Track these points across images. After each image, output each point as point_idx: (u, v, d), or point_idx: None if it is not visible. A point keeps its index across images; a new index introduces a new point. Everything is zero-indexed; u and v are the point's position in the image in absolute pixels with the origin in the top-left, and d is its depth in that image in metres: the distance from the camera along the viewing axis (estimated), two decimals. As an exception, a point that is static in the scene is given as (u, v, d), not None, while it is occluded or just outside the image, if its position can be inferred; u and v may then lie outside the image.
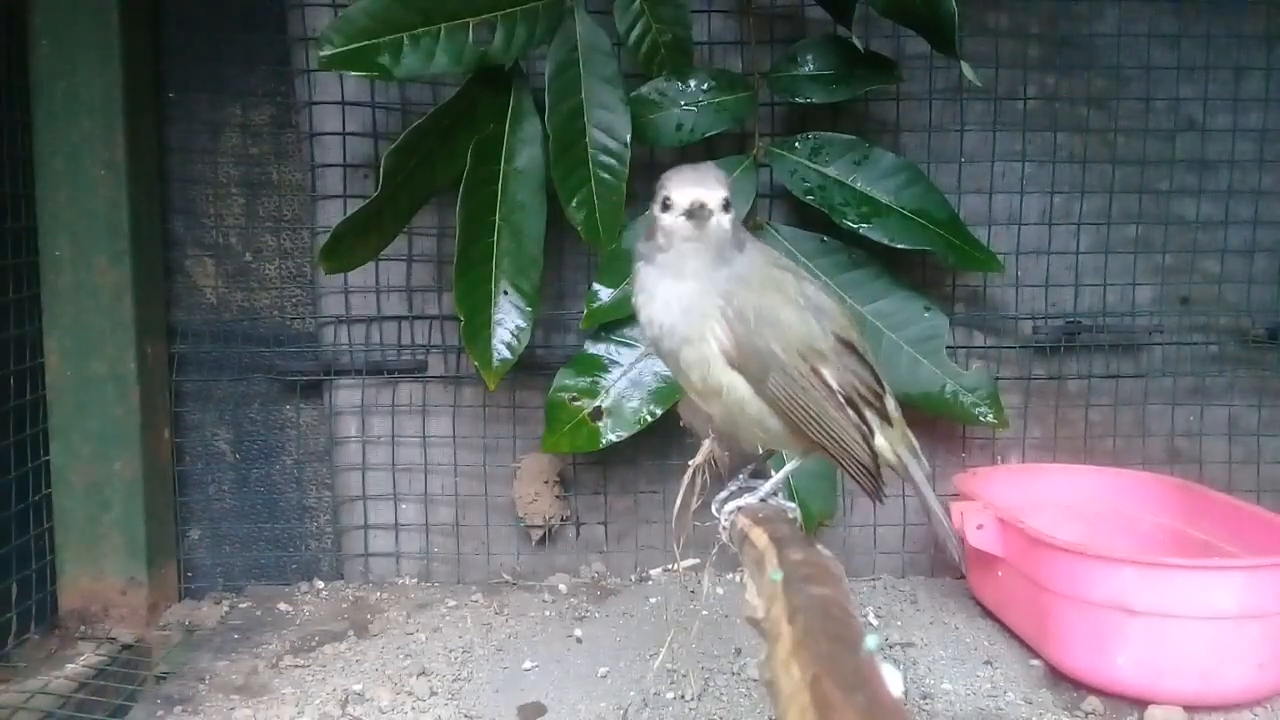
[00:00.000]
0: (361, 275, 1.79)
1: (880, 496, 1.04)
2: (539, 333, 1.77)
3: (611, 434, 1.66)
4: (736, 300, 0.95)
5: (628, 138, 1.56)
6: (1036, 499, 1.75)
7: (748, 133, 1.73)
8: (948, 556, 1.75)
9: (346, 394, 1.84)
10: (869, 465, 1.01)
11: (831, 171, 1.68)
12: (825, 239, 1.70)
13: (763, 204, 1.78)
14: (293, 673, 1.50)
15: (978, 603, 1.72)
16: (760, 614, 0.74)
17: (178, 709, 1.39)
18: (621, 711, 1.37)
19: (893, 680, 0.56)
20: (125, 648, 1.61)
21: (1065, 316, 1.87)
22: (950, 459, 1.86)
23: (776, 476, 1.07)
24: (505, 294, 1.60)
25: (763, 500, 1.04)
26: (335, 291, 1.82)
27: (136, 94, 1.67)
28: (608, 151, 1.56)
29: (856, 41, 1.62)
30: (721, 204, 0.96)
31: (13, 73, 1.60)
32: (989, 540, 1.55)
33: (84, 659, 1.55)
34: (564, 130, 1.55)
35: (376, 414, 1.84)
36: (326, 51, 1.40)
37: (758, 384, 0.96)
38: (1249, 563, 1.40)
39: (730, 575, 1.80)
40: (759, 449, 1.09)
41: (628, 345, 1.68)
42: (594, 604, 1.74)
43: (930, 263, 1.80)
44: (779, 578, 0.76)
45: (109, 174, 1.63)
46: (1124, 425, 1.89)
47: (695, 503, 1.15)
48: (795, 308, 0.97)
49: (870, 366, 1.02)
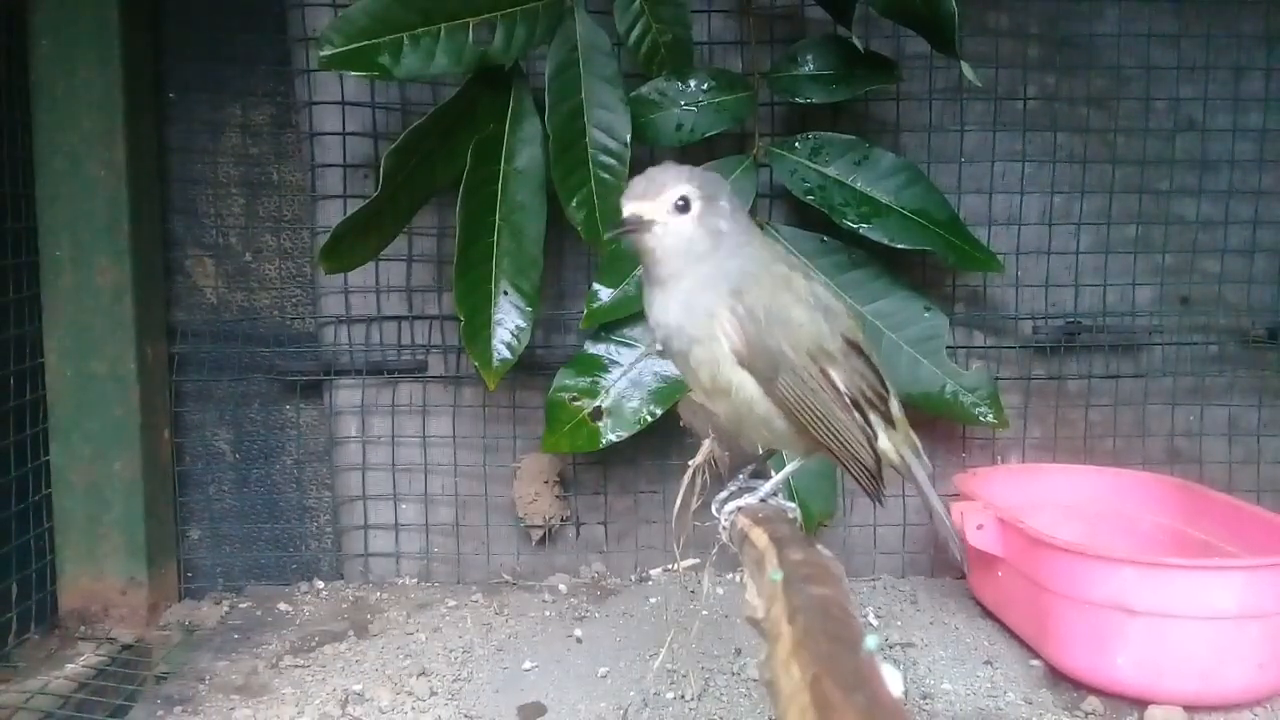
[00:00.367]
0: (361, 275, 1.79)
1: (881, 499, 1.04)
2: (539, 333, 1.77)
3: (611, 434, 1.66)
4: (747, 298, 0.95)
5: (628, 138, 1.56)
6: (1036, 499, 1.75)
7: (748, 133, 1.73)
8: (949, 556, 1.76)
9: (346, 394, 1.84)
10: (871, 467, 1.00)
11: (831, 171, 1.68)
12: (825, 239, 1.70)
13: (763, 204, 1.78)
14: (293, 673, 1.50)
15: (978, 603, 1.72)
16: (760, 614, 0.74)
17: (178, 709, 1.39)
18: (621, 711, 1.37)
19: (893, 680, 0.56)
20: (125, 648, 1.61)
21: (1065, 316, 1.87)
22: (950, 459, 1.86)
23: (777, 477, 1.07)
24: (505, 294, 1.60)
25: (763, 500, 1.04)
26: (335, 291, 1.82)
27: (136, 94, 1.67)
28: (608, 151, 1.56)
29: (856, 41, 1.62)
30: (672, 207, 0.95)
31: (13, 72, 1.61)
32: (989, 540, 1.55)
33: (84, 659, 1.55)
34: (564, 130, 1.55)
35: (376, 414, 1.84)
36: (326, 51, 1.40)
37: (767, 384, 0.95)
38: (1249, 563, 1.40)
39: (730, 575, 1.80)
40: (760, 449, 1.09)
41: (628, 345, 1.68)
42: (594, 604, 1.74)
43: (930, 263, 1.80)
44: (779, 578, 0.76)
45: (109, 174, 1.63)
46: (1124, 425, 1.89)
47: (695, 503, 1.15)
48: (806, 307, 0.97)
49: (875, 368, 1.02)
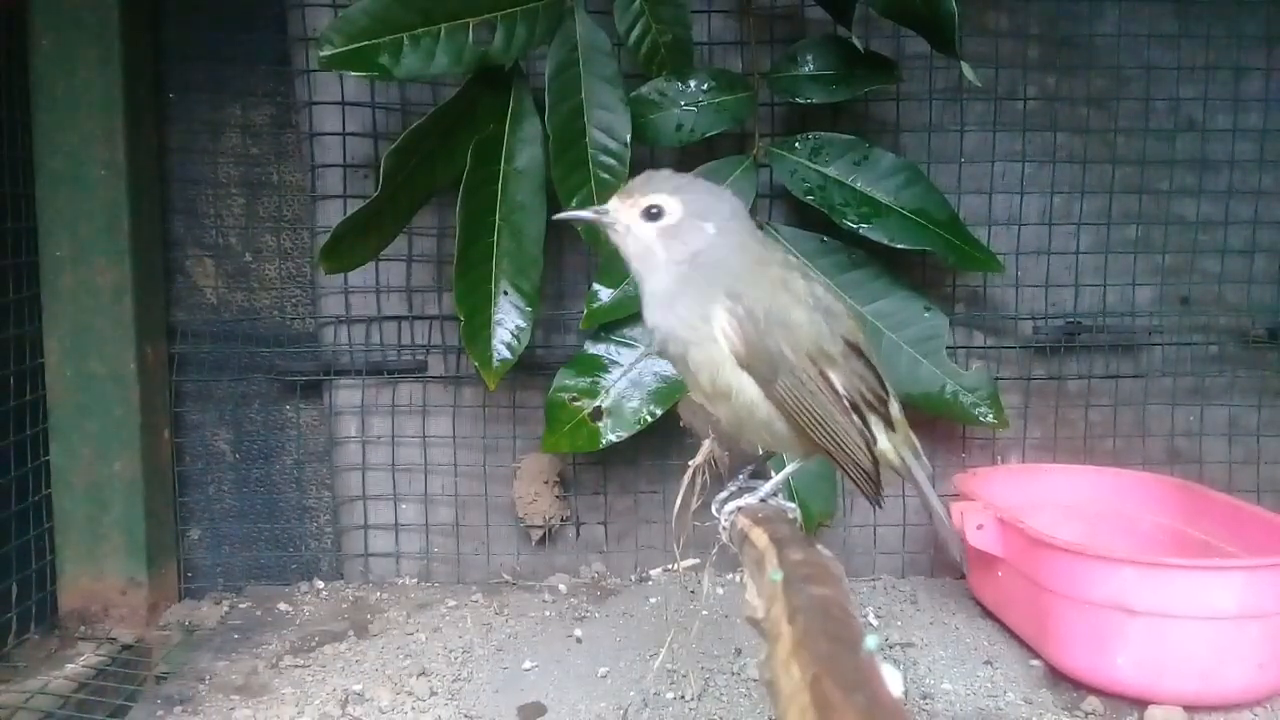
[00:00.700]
0: (361, 275, 1.79)
1: (879, 502, 1.04)
2: (539, 333, 1.77)
3: (611, 434, 1.66)
4: (746, 300, 0.94)
5: (628, 138, 1.56)
6: (1036, 499, 1.75)
7: (748, 133, 1.73)
8: (949, 557, 1.76)
9: (346, 394, 1.84)
10: (870, 471, 1.00)
11: (831, 171, 1.68)
12: (825, 239, 1.70)
13: (763, 204, 1.78)
14: (293, 673, 1.50)
15: (978, 603, 1.72)
16: (760, 614, 0.74)
17: (178, 709, 1.39)
18: (621, 711, 1.37)
19: (893, 680, 0.56)
20: (125, 648, 1.61)
21: (1065, 316, 1.87)
22: (950, 459, 1.86)
23: (777, 477, 1.07)
24: (505, 294, 1.60)
25: (763, 500, 1.04)
26: (335, 291, 1.82)
27: (136, 94, 1.67)
28: (608, 151, 1.56)
29: (856, 41, 1.62)
30: (643, 212, 0.96)
31: (13, 72, 1.61)
32: (989, 540, 1.55)
33: (84, 659, 1.55)
34: (564, 130, 1.55)
35: (376, 414, 1.84)
36: (326, 51, 1.40)
37: (767, 386, 0.95)
38: (1249, 563, 1.40)
39: (730, 575, 1.80)
40: (760, 450, 1.09)
41: (628, 345, 1.68)
42: (594, 604, 1.74)
43: (930, 263, 1.80)
44: (779, 578, 0.76)
45: (109, 174, 1.63)
46: (1124, 425, 1.89)
47: (695, 503, 1.15)
48: (805, 309, 0.97)
49: (875, 370, 1.02)
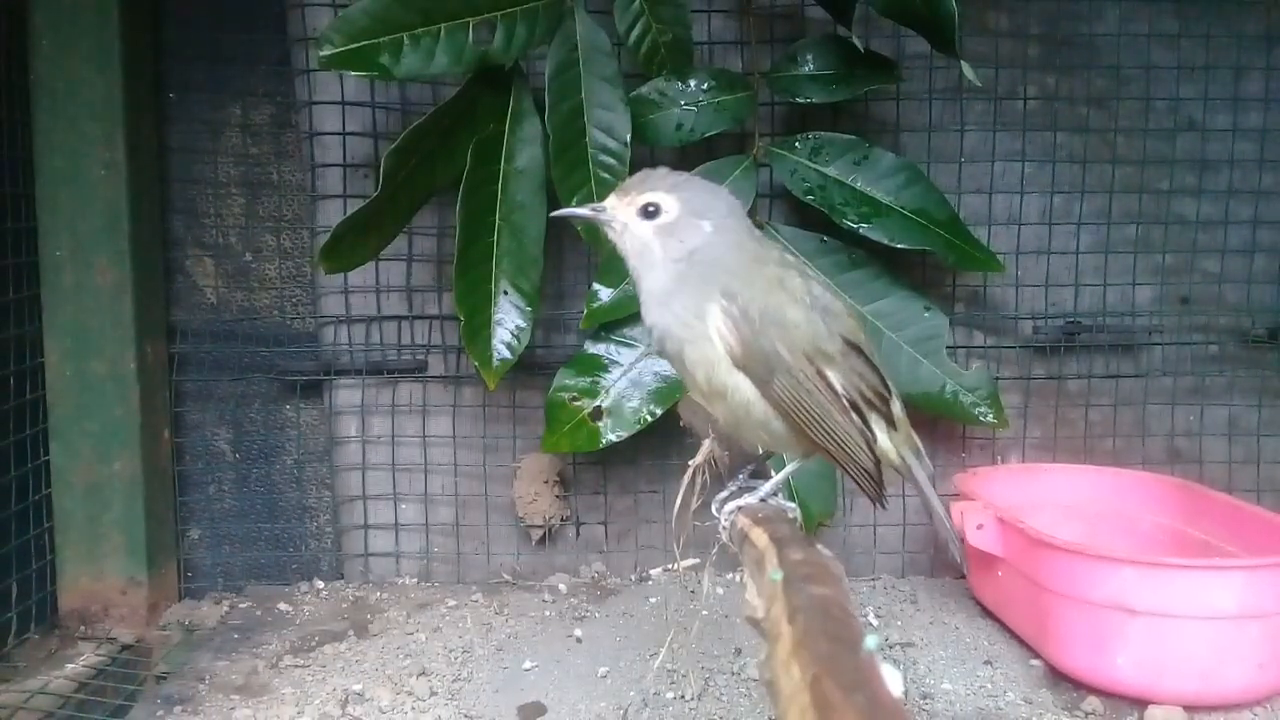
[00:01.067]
0: (361, 275, 1.79)
1: (883, 502, 1.03)
2: (539, 333, 1.77)
3: (611, 434, 1.66)
4: (740, 299, 0.94)
5: (628, 138, 1.56)
6: (1036, 499, 1.75)
7: (748, 133, 1.73)
8: (949, 557, 1.76)
9: (346, 394, 1.84)
10: (871, 470, 1.00)
11: (831, 171, 1.68)
12: (825, 239, 1.70)
13: (763, 204, 1.78)
14: (293, 673, 1.50)
15: (978, 603, 1.72)
16: (760, 614, 0.74)
17: (178, 709, 1.39)
18: (621, 711, 1.37)
19: (893, 680, 0.56)
20: (125, 648, 1.61)
21: (1065, 316, 1.87)
22: (950, 459, 1.86)
23: (777, 477, 1.07)
24: (505, 294, 1.60)
25: (763, 500, 1.04)
26: (335, 291, 1.82)
27: (136, 94, 1.67)
28: (608, 151, 1.56)
29: (856, 41, 1.62)
30: (640, 210, 0.97)
31: (13, 72, 1.60)
32: (989, 540, 1.55)
33: (84, 659, 1.55)
34: (564, 130, 1.55)
35: (376, 414, 1.84)
36: (326, 51, 1.40)
37: (763, 385, 0.95)
38: (1249, 563, 1.40)
39: (730, 575, 1.80)
40: (760, 449, 1.09)
41: (628, 345, 1.68)
42: (594, 604, 1.74)
43: (930, 263, 1.80)
44: (779, 578, 0.76)
45: (109, 174, 1.63)
46: (1124, 425, 1.89)
47: (695, 503, 1.15)
48: (802, 307, 0.96)
49: (876, 369, 1.01)
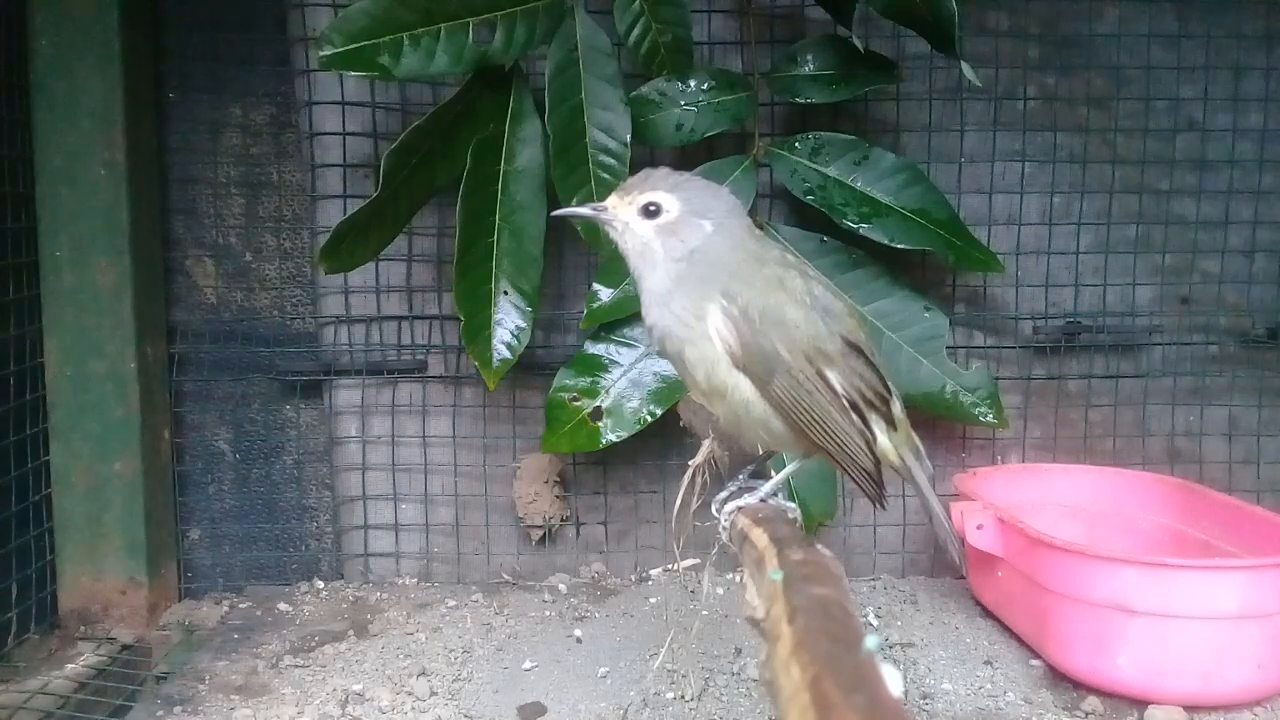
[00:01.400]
0: (361, 275, 1.79)
1: (882, 502, 1.03)
2: (539, 333, 1.77)
3: (611, 434, 1.66)
4: (740, 299, 0.94)
5: (628, 138, 1.56)
6: (1036, 499, 1.75)
7: (748, 133, 1.73)
8: (948, 559, 1.76)
9: (346, 394, 1.84)
10: (871, 471, 1.00)
11: (831, 171, 1.68)
12: (825, 239, 1.70)
13: (763, 204, 1.78)
14: (293, 673, 1.50)
15: (978, 603, 1.72)
16: (760, 614, 0.74)
17: (178, 709, 1.39)
18: (621, 711, 1.37)
19: (893, 680, 0.56)
20: (125, 648, 1.61)
21: (1065, 316, 1.87)
22: (950, 459, 1.86)
23: (777, 477, 1.06)
24: (505, 294, 1.60)
25: (763, 500, 1.04)
26: (335, 291, 1.82)
27: (136, 94, 1.67)
28: (608, 151, 1.56)
29: (856, 41, 1.61)
30: (641, 209, 0.97)
31: (13, 73, 1.60)
32: (989, 540, 1.55)
33: (84, 659, 1.55)
34: (564, 130, 1.55)
35: (376, 414, 1.84)
36: (326, 51, 1.40)
37: (762, 385, 0.95)
38: (1249, 563, 1.40)
39: (730, 575, 1.80)
40: (760, 449, 1.09)
41: (628, 345, 1.68)
42: (594, 604, 1.74)
43: (930, 263, 1.80)
44: (779, 578, 0.76)
45: (109, 174, 1.63)
46: (1124, 425, 1.89)
47: (695, 503, 1.15)
48: (802, 308, 0.96)
49: (876, 369, 1.01)
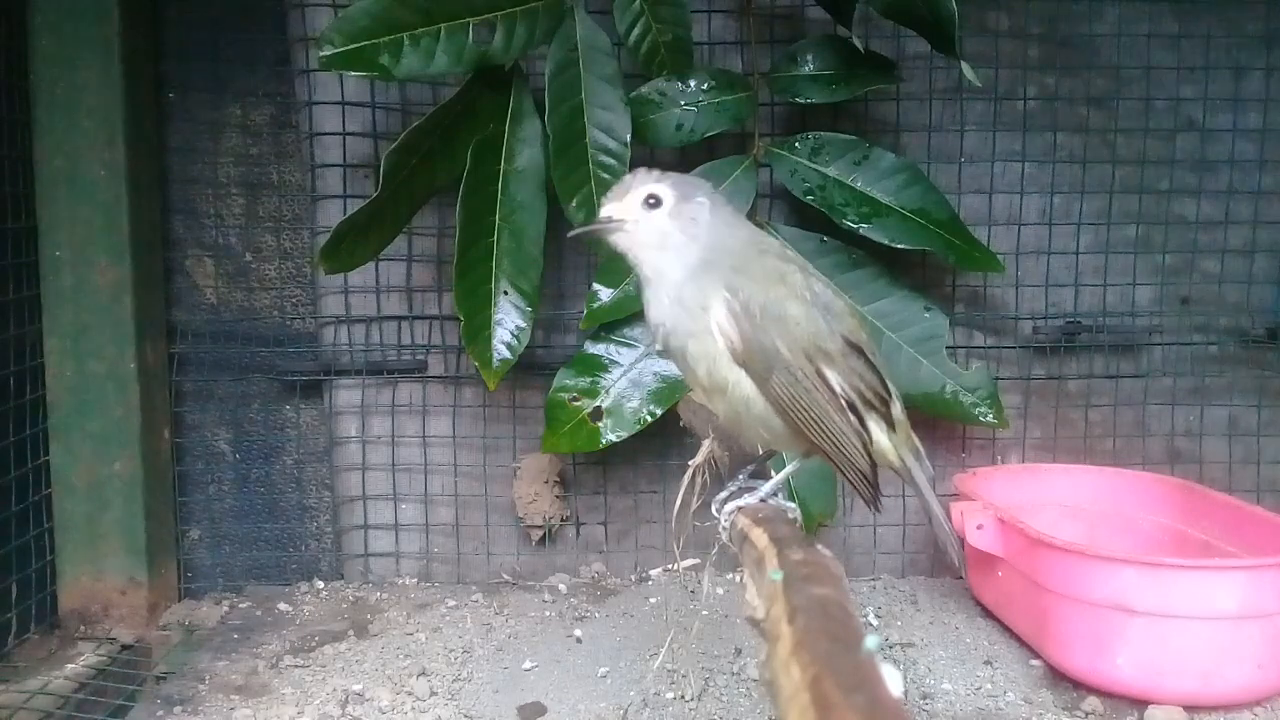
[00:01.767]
0: (361, 275, 1.79)
1: (877, 505, 1.03)
2: (539, 333, 1.77)
3: (611, 434, 1.66)
4: (742, 293, 0.94)
5: (628, 138, 1.56)
6: (1036, 499, 1.75)
7: (748, 133, 1.73)
8: (948, 559, 1.76)
9: (346, 394, 1.84)
10: (866, 472, 0.99)
11: (831, 171, 1.68)
12: (825, 239, 1.70)
13: (763, 204, 1.78)
14: (293, 673, 1.50)
15: (978, 603, 1.72)
16: (760, 614, 0.74)
17: (178, 709, 1.39)
18: (621, 711, 1.37)
19: (893, 680, 0.56)
20: (125, 648, 1.61)
21: (1065, 316, 1.87)
22: (950, 459, 1.86)
23: (777, 477, 1.06)
24: (505, 294, 1.60)
25: (763, 500, 1.04)
26: (335, 291, 1.82)
27: (136, 94, 1.67)
28: (608, 151, 1.56)
29: (856, 41, 1.61)
30: (642, 204, 0.97)
31: (13, 73, 1.60)
32: (989, 540, 1.55)
33: (84, 659, 1.55)
34: (564, 130, 1.55)
35: (376, 414, 1.84)
36: (326, 51, 1.40)
37: (762, 382, 0.95)
38: (1249, 563, 1.40)
39: (730, 575, 1.79)
40: (760, 449, 1.09)
41: (628, 345, 1.68)
42: (594, 604, 1.74)
43: (930, 263, 1.80)
44: (779, 578, 0.76)
45: (109, 174, 1.63)
46: (1124, 425, 1.89)
47: (695, 503, 1.15)
48: (803, 304, 0.96)
49: (876, 370, 1.01)
